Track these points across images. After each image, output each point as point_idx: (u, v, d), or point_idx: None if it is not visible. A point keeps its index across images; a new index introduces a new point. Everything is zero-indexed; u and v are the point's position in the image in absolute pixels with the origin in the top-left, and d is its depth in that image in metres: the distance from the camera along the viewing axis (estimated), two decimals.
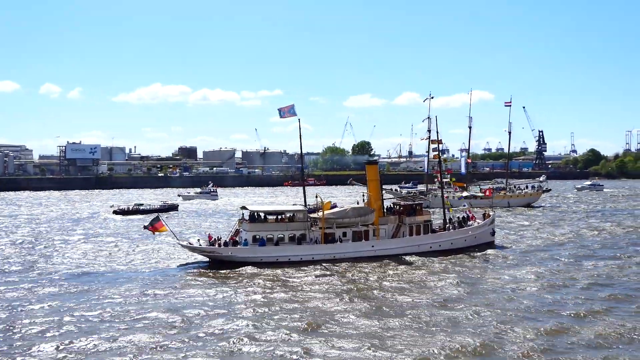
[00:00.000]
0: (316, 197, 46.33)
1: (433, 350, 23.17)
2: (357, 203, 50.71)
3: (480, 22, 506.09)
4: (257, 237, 42.63)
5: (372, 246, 44.19)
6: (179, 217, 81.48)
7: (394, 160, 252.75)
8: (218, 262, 41.75)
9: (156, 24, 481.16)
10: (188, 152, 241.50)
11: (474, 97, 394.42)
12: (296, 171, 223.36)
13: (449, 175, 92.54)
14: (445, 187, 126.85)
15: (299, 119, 47.39)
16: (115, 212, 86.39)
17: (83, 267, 41.56)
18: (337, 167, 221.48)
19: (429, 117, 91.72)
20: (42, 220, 76.06)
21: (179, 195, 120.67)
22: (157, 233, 43.32)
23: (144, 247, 50.25)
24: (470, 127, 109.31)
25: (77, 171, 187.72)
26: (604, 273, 37.47)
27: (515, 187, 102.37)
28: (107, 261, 43.85)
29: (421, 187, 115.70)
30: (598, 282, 35.10)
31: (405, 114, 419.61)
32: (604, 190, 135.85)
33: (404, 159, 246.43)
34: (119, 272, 39.75)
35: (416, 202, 47.83)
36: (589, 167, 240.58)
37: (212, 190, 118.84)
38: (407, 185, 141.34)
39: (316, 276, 37.59)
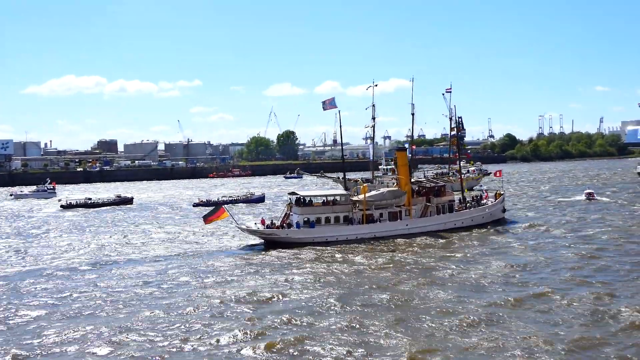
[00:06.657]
0: (357, 181, 49.32)
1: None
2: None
3: (398, 10, 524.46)
4: (308, 219, 45.13)
5: (406, 225, 48.28)
6: (135, 210, 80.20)
7: (319, 149, 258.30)
8: (272, 244, 43.95)
9: (67, 11, 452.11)
10: (108, 146, 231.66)
11: (392, 85, 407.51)
12: (221, 162, 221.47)
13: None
14: (389, 172, 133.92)
15: (338, 110, 50.59)
16: (63, 207, 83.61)
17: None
18: (262, 157, 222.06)
19: (373, 105, 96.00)
20: None
21: (10, 195, 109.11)
22: (211, 222, 44.46)
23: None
24: (413, 114, 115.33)
25: None
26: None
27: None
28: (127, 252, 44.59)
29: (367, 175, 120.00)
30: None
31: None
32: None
33: (329, 148, 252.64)
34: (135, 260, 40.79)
35: (440, 185, 52.24)
36: (505, 151, 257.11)
37: (49, 187, 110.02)
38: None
39: (369, 254, 40.71)
